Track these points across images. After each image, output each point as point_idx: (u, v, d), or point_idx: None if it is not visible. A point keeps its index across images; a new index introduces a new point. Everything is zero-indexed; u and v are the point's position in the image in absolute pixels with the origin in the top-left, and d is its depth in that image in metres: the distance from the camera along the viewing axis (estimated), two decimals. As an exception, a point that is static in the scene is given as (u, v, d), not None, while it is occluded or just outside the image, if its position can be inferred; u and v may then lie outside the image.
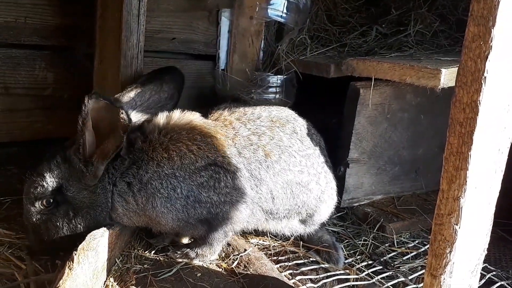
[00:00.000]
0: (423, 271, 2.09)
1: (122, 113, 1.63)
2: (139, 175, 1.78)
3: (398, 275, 2.07)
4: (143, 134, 1.86)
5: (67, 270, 1.45)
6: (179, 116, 1.92)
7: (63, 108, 2.59)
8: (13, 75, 2.41)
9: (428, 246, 2.30)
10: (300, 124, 2.17)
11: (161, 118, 1.90)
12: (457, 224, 1.23)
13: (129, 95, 1.93)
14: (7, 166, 2.47)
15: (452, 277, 1.28)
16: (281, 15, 2.79)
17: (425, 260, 2.20)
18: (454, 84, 1.21)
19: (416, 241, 2.40)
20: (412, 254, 2.27)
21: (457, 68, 1.19)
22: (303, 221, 2.18)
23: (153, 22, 2.63)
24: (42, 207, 1.76)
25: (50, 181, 1.74)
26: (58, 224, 1.76)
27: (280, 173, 1.97)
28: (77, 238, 1.61)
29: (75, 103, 2.58)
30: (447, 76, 1.87)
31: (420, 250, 2.31)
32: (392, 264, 2.18)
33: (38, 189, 1.74)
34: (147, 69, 2.24)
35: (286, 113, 2.19)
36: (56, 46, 2.48)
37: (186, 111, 1.96)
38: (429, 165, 2.79)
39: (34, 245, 1.82)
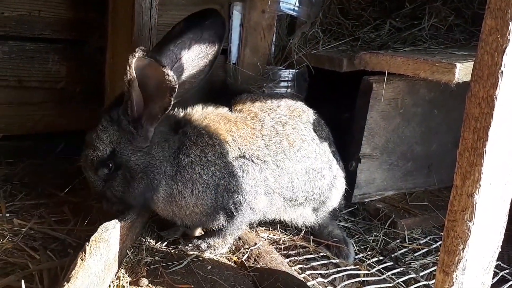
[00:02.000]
0: (435, 267, 2.07)
1: (167, 74, 1.54)
2: (178, 158, 1.81)
3: (409, 271, 2.06)
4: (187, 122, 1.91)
5: (79, 261, 1.46)
6: (212, 108, 2.00)
7: (75, 101, 2.62)
8: (27, 68, 2.44)
9: (440, 242, 2.29)
10: (312, 114, 2.21)
11: (200, 107, 1.98)
12: (470, 221, 1.21)
13: (168, 48, 1.81)
14: (21, 158, 2.50)
15: (465, 274, 1.27)
16: (294, 9, 2.77)
17: (436, 257, 2.18)
18: (469, 79, 1.18)
19: (428, 238, 2.37)
20: (423, 250, 2.25)
21: (472, 62, 1.17)
22: (315, 209, 2.21)
23: (165, 16, 2.63)
24: (104, 174, 1.76)
25: (101, 148, 1.73)
26: (119, 188, 1.77)
27: (301, 161, 2.03)
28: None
29: (87, 96, 2.63)
30: (462, 71, 1.84)
31: (431, 247, 2.28)
32: (403, 260, 2.16)
33: (94, 159, 1.74)
34: (159, 63, 2.24)
35: (299, 103, 2.23)
36: (69, 40, 2.51)
37: (212, 106, 2.01)
38: (442, 161, 2.76)
39: (111, 212, 1.82)
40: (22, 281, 1.46)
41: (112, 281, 1.64)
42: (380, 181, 2.59)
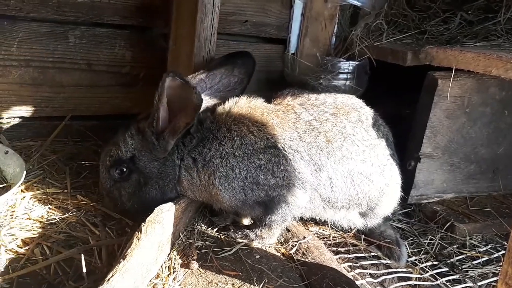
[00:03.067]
0: (495, 278, 1.96)
1: (195, 92, 1.70)
2: (203, 152, 1.86)
3: (466, 279, 1.96)
4: (213, 115, 1.92)
5: (135, 240, 1.53)
6: (244, 100, 1.97)
7: (139, 85, 2.72)
8: (96, 52, 2.56)
9: (502, 252, 2.16)
10: (367, 113, 2.10)
11: (230, 101, 1.96)
12: (541, 234, 1.12)
13: (200, 77, 2.00)
14: (86, 138, 2.64)
15: (530, 289, 1.18)
16: (358, -1, 2.69)
17: (497, 267, 2.06)
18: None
19: (489, 246, 2.24)
20: (483, 259, 2.13)
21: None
22: (363, 214, 2.13)
23: (227, 4, 2.65)
24: (116, 174, 1.89)
25: (124, 151, 1.86)
26: (129, 191, 1.89)
27: (341, 161, 1.94)
28: (146, 208, 1.73)
29: (151, 81, 2.72)
30: (541, 70, 1.70)
31: (492, 256, 2.16)
32: (460, 268, 2.06)
33: (113, 158, 1.88)
34: (218, 51, 2.27)
35: (353, 101, 2.13)
36: (135, 26, 2.59)
37: (251, 96, 2.00)
38: (510, 166, 2.58)
39: (109, 209, 1.98)
40: (82, 255, 1.56)
41: (164, 262, 1.70)
42: (439, 182, 2.47)
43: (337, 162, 1.93)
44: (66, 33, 2.45)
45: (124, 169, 1.87)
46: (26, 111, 2.50)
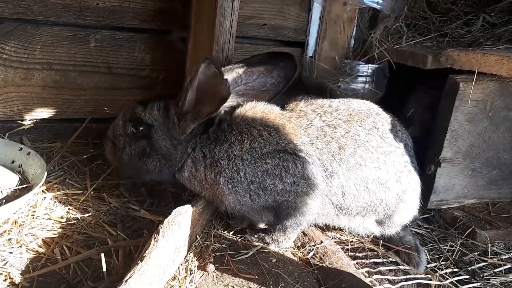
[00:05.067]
0: (518, 287, 1.91)
1: (225, 84, 1.73)
2: (213, 151, 1.87)
3: (488, 287, 1.91)
4: (230, 118, 1.92)
5: (153, 241, 1.54)
6: (261, 106, 1.95)
7: (158, 88, 2.75)
8: (116, 56, 2.60)
9: (526, 260, 2.10)
10: (383, 119, 2.04)
11: (247, 105, 1.95)
12: None
13: (237, 71, 1.96)
14: (105, 140, 2.68)
15: (556, 300, 1.14)
16: (378, 1, 2.66)
17: (521, 276, 2.00)
18: None
19: (512, 254, 2.19)
20: (506, 267, 2.07)
21: None
22: (380, 222, 2.08)
23: (246, 8, 2.66)
24: (130, 129, 1.95)
25: (147, 116, 1.93)
26: (132, 152, 1.95)
27: (354, 168, 1.89)
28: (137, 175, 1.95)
29: (169, 84, 2.75)
30: None
31: (515, 264, 2.10)
32: (481, 275, 2.01)
33: (136, 115, 1.95)
34: (236, 55, 2.28)
35: (368, 106, 2.07)
36: (154, 30, 2.63)
37: (268, 103, 1.98)
38: (534, 171, 2.51)
39: (109, 159, 2.09)
40: (102, 255, 1.57)
41: (181, 264, 1.71)
42: (460, 188, 2.42)
43: (350, 169, 1.89)
44: (87, 36, 2.50)
45: (139, 130, 1.92)
46: (47, 113, 2.55)
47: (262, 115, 1.91)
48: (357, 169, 1.90)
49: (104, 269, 1.54)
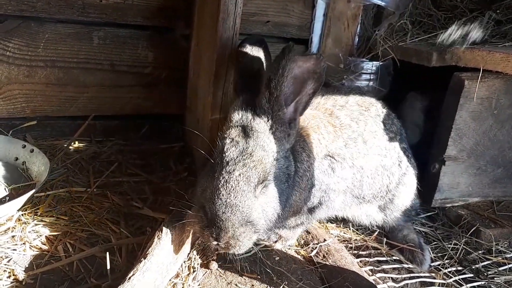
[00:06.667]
0: (523, 286, 1.90)
1: (322, 64, 1.59)
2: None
3: (492, 286, 1.90)
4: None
5: (156, 239, 1.54)
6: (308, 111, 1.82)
7: (161, 86, 2.74)
8: (119, 53, 2.59)
9: (531, 259, 2.09)
10: (381, 107, 2.12)
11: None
12: None
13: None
14: (109, 138, 2.68)
15: (562, 299, 1.13)
16: (382, -2, 2.64)
17: (525, 275, 1.99)
18: None
19: (516, 252, 2.17)
20: (510, 265, 2.06)
21: None
22: (382, 208, 2.13)
23: (249, 5, 2.65)
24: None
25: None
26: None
27: (373, 159, 1.98)
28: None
29: (172, 81, 2.74)
30: None
31: (520, 263, 2.09)
32: (485, 274, 2.00)
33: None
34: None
35: (366, 96, 2.15)
36: (157, 27, 2.62)
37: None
38: (539, 170, 2.49)
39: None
40: (107, 253, 1.58)
41: (184, 261, 1.71)
42: (464, 186, 2.41)
43: (369, 161, 1.97)
44: (90, 34, 2.49)
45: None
46: (51, 110, 2.55)
47: (305, 123, 1.87)
48: (373, 159, 1.98)
49: (108, 267, 1.55)
